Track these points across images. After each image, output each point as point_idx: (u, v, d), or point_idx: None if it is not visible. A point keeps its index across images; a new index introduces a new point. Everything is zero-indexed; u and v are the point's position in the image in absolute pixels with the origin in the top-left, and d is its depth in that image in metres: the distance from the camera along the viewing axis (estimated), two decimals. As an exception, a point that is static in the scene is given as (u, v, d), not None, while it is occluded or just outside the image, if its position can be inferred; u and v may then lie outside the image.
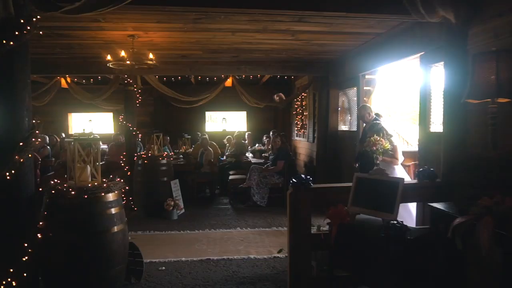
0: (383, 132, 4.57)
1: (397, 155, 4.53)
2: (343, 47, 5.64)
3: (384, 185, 2.88)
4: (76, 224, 2.98)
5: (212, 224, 5.84)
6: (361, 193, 2.99)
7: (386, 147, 4.40)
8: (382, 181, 2.91)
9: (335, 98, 7.09)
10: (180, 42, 5.27)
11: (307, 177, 3.23)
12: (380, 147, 4.42)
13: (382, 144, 4.42)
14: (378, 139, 4.46)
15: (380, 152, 4.43)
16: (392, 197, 2.77)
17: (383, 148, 4.41)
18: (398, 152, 4.55)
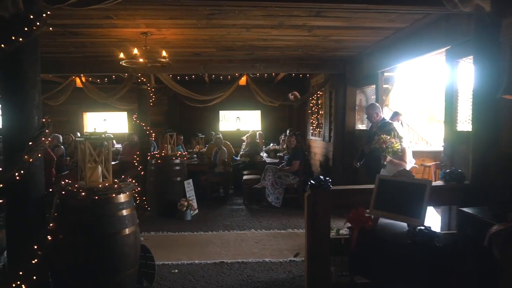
0: (395, 132, 4.38)
1: (405, 158, 4.31)
2: (361, 43, 5.43)
3: (409, 187, 2.70)
4: (86, 226, 2.88)
5: (226, 225, 5.72)
6: (384, 196, 2.81)
7: (396, 147, 4.22)
8: (407, 183, 2.72)
9: (352, 96, 6.88)
10: (194, 40, 5.16)
11: (326, 178, 3.07)
12: (390, 146, 4.24)
13: (392, 143, 4.24)
14: (389, 138, 4.28)
15: (390, 152, 4.25)
16: (419, 200, 2.58)
17: (393, 148, 4.24)
18: (407, 155, 4.33)
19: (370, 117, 4.96)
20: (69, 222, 2.90)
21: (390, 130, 4.41)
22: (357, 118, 6.91)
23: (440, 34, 3.89)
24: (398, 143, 4.21)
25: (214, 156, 8.16)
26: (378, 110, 4.92)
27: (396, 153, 4.20)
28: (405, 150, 4.31)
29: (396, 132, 4.38)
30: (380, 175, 2.91)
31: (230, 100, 9.29)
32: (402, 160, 4.29)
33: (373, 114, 4.89)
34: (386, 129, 4.44)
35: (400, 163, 4.28)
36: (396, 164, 4.30)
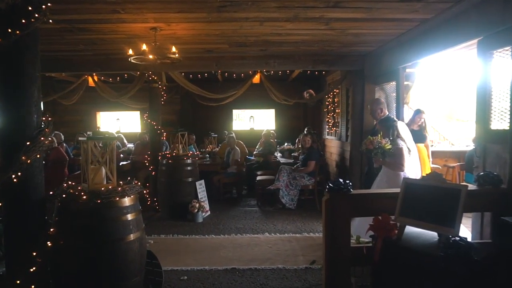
0: (395, 130, 4.05)
1: (402, 161, 3.94)
2: (382, 37, 5.12)
3: (441, 192, 2.42)
4: (88, 232, 2.71)
5: (239, 228, 5.51)
6: (411, 202, 2.54)
7: (387, 148, 3.87)
8: (438, 188, 2.44)
9: (370, 94, 6.56)
10: (205, 35, 4.95)
11: (346, 181, 2.81)
12: (379, 146, 3.88)
13: (381, 143, 3.92)
14: (376, 138, 3.97)
15: (379, 153, 3.93)
16: (452, 207, 2.30)
17: (384, 149, 3.88)
18: (404, 157, 3.95)
19: (374, 113, 4.66)
20: (70, 227, 2.73)
21: (390, 127, 4.11)
22: (376, 117, 6.59)
23: (470, 24, 3.57)
24: (388, 143, 3.89)
25: (227, 156, 7.97)
26: (382, 106, 4.62)
27: (389, 154, 3.88)
28: (402, 151, 3.95)
29: (397, 130, 4.06)
30: (407, 178, 2.64)
31: (244, 98, 9.07)
32: (398, 162, 3.94)
33: (377, 110, 4.58)
34: (386, 125, 4.15)
35: (395, 165, 3.95)
36: (390, 166, 3.99)
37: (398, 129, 4.08)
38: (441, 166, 6.83)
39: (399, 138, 4.03)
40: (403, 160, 3.93)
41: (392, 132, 4.05)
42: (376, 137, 3.96)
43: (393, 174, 4.00)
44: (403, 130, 4.14)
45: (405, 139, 4.07)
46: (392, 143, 3.94)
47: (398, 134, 4.05)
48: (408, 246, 2.44)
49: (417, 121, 6.07)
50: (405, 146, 4.00)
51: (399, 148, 3.94)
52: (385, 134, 4.11)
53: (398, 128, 4.09)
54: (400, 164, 3.94)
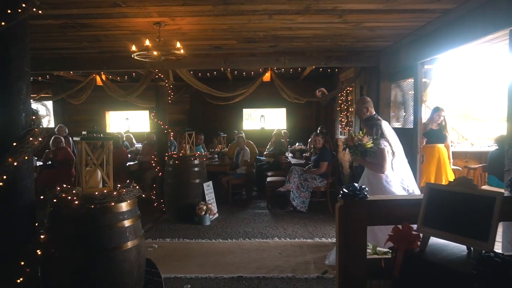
0: (379, 129, 3.73)
1: (383, 162, 3.63)
2: (399, 30, 4.82)
3: (471, 200, 2.13)
4: (81, 240, 2.50)
5: (247, 232, 5.27)
6: (436, 210, 2.25)
7: (368, 146, 3.56)
8: (467, 195, 2.15)
9: (386, 92, 6.25)
10: (212, 30, 4.72)
11: (362, 186, 2.54)
12: (360, 144, 3.57)
13: (362, 141, 3.62)
14: (358, 135, 3.67)
15: (359, 152, 3.60)
16: (485, 217, 2.02)
17: (364, 147, 3.57)
18: (386, 158, 3.64)
19: (359, 113, 4.34)
20: (62, 235, 2.53)
21: (373, 126, 3.78)
22: (392, 116, 6.27)
23: (499, 14, 3.26)
24: (370, 142, 3.59)
25: (236, 156, 7.74)
26: (368, 105, 4.29)
27: (370, 152, 3.58)
28: (384, 151, 3.63)
29: (381, 130, 3.74)
30: (431, 184, 2.35)
31: (254, 97, 8.85)
32: (379, 163, 3.63)
33: (363, 109, 4.26)
34: (369, 124, 3.81)
35: (376, 166, 3.64)
36: (370, 166, 3.70)
37: (382, 129, 3.77)
38: (461, 167, 6.47)
39: (383, 138, 3.73)
40: (384, 161, 3.64)
41: (376, 131, 3.75)
42: (358, 134, 3.68)
43: (373, 176, 3.73)
44: (388, 130, 3.83)
45: (390, 140, 3.76)
46: (374, 143, 3.65)
47: (382, 134, 3.74)
48: (432, 261, 2.15)
49: (436, 120, 5.74)
50: (388, 147, 3.70)
51: (380, 148, 3.64)
52: (369, 134, 3.83)
53: (383, 128, 3.78)
54: (381, 166, 3.64)
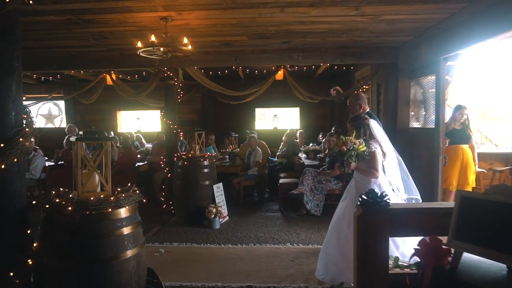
0: (367, 130, 3.42)
1: (376, 166, 3.32)
2: (420, 24, 4.51)
3: (510, 210, 1.85)
4: (75, 249, 2.31)
5: (259, 237, 5.04)
6: (469, 221, 1.98)
7: (361, 150, 3.25)
8: (508, 205, 1.87)
9: (405, 89, 5.93)
10: (221, 25, 4.51)
11: (382, 193, 2.28)
12: (353, 148, 3.26)
13: (355, 144, 3.27)
14: (350, 138, 3.30)
15: (353, 156, 3.26)
16: (530, 232, 1.74)
17: (358, 150, 3.26)
18: (378, 161, 3.33)
19: (352, 110, 4.03)
20: (55, 243, 2.35)
21: (361, 126, 3.45)
22: (412, 115, 5.95)
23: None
24: (362, 145, 3.29)
25: (248, 157, 7.52)
26: (362, 102, 3.97)
27: (363, 157, 3.28)
28: (376, 155, 3.32)
29: (370, 130, 3.43)
30: (463, 191, 2.08)
31: (266, 96, 8.62)
32: (372, 168, 3.32)
33: (356, 105, 3.95)
34: (356, 124, 3.48)
35: (370, 171, 3.34)
36: (363, 173, 3.39)
37: (371, 129, 3.45)
38: (486, 170, 6.10)
39: (373, 139, 3.42)
40: (377, 165, 3.32)
41: (364, 132, 3.43)
42: (349, 137, 3.37)
43: (362, 182, 3.42)
44: (377, 130, 3.50)
45: (380, 141, 3.45)
46: (369, 146, 3.35)
47: (371, 135, 3.43)
48: (466, 280, 1.88)
49: (458, 119, 5.41)
50: (379, 149, 3.39)
51: (371, 152, 3.32)
52: (356, 135, 3.50)
53: (372, 128, 3.46)
54: (374, 170, 3.33)
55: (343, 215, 3.43)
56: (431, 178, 5.01)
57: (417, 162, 5.71)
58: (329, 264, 3.37)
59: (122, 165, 6.80)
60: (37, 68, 6.64)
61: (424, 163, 5.41)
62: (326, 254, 3.46)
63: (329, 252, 3.42)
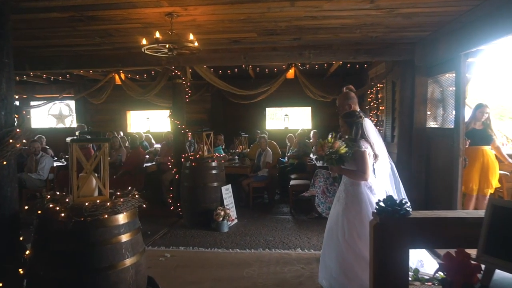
0: (359, 129, 3.20)
1: (364, 167, 3.08)
2: (440, 17, 4.25)
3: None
4: (69, 257, 2.16)
5: (268, 241, 4.85)
6: (502, 234, 1.76)
7: (342, 152, 3.03)
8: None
9: (422, 88, 5.66)
10: (229, 21, 4.33)
11: (402, 200, 2.07)
12: (332, 151, 3.06)
13: (333, 146, 3.05)
14: (327, 141, 3.10)
15: (334, 160, 3.05)
16: None
17: (338, 153, 3.04)
18: (367, 163, 3.10)
19: (341, 110, 3.83)
20: (48, 251, 2.20)
21: (353, 124, 3.23)
22: (429, 114, 5.68)
23: None
24: (343, 146, 3.07)
25: (258, 158, 7.33)
26: (352, 102, 3.76)
27: (346, 159, 3.08)
28: (365, 155, 3.09)
29: (362, 129, 3.22)
30: (495, 200, 1.85)
31: (277, 96, 8.42)
32: (360, 169, 3.09)
33: (345, 106, 3.75)
34: (348, 121, 3.28)
35: (356, 173, 3.12)
36: (350, 174, 3.18)
37: (364, 128, 3.23)
38: (509, 172, 5.77)
39: (364, 139, 3.20)
40: (365, 166, 3.09)
41: (356, 130, 3.23)
42: (326, 140, 3.17)
43: (352, 185, 3.21)
44: (370, 130, 3.28)
45: (373, 141, 3.23)
46: (352, 146, 3.14)
47: (363, 134, 3.21)
48: (499, 301, 1.66)
49: (479, 118, 5.11)
50: (369, 150, 3.17)
51: (361, 151, 3.10)
52: (347, 132, 3.30)
53: (364, 127, 3.24)
54: (362, 172, 3.10)
55: (336, 223, 3.24)
56: (450, 182, 4.74)
57: (434, 164, 5.45)
58: (331, 280, 3.17)
59: (129, 166, 6.69)
60: (45, 67, 6.58)
61: (442, 165, 5.15)
62: (325, 265, 3.27)
63: (328, 264, 3.24)
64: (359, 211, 3.09)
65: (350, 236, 3.06)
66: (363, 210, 3.08)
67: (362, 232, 3.02)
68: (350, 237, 3.06)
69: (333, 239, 3.21)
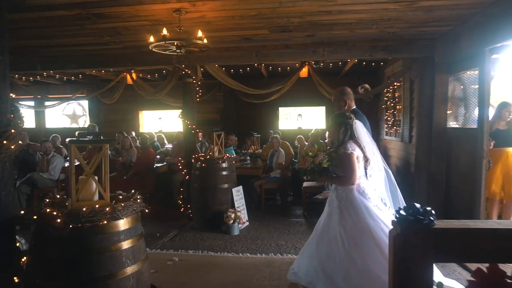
0: (348, 130, 3.05)
1: (349, 171, 2.93)
2: (462, 10, 4.00)
3: None
4: (65, 266, 2.04)
5: (280, 245, 4.68)
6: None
7: (325, 165, 2.94)
8: None
9: (442, 86, 5.39)
10: (239, 17, 4.18)
11: (426, 208, 1.87)
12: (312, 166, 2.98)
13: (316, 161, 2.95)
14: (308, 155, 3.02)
15: (317, 173, 2.98)
16: None
17: (321, 166, 2.95)
18: (355, 166, 2.94)
19: (336, 106, 3.64)
20: (44, 259, 2.08)
21: (341, 125, 3.07)
22: (449, 114, 5.41)
23: None
24: (326, 160, 2.94)
25: (270, 158, 7.16)
26: (347, 98, 3.60)
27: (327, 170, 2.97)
28: (352, 159, 2.93)
29: (351, 131, 3.05)
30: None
31: (291, 95, 8.21)
32: (346, 174, 2.94)
33: (340, 102, 3.57)
34: (337, 122, 3.12)
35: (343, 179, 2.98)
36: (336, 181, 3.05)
37: (354, 130, 3.07)
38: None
39: (353, 140, 3.04)
40: (352, 170, 2.93)
41: (344, 131, 3.06)
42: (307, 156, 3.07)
43: (343, 190, 3.04)
44: (361, 132, 3.10)
45: (364, 144, 3.06)
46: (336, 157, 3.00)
47: (352, 136, 3.06)
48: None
49: (504, 117, 4.85)
50: (358, 152, 3.00)
51: (347, 153, 2.94)
52: (334, 134, 3.14)
53: (355, 128, 3.08)
54: (348, 177, 2.94)
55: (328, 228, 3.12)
56: (472, 185, 4.48)
57: (455, 166, 5.18)
58: None
59: (139, 166, 6.61)
60: (57, 67, 6.57)
61: (464, 168, 4.88)
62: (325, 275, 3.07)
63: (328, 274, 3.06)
64: (357, 222, 2.94)
65: (350, 247, 2.92)
66: (361, 220, 2.93)
67: (362, 242, 2.89)
68: (351, 248, 2.91)
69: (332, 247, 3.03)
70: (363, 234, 2.88)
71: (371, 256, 2.83)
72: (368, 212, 2.92)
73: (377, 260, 2.80)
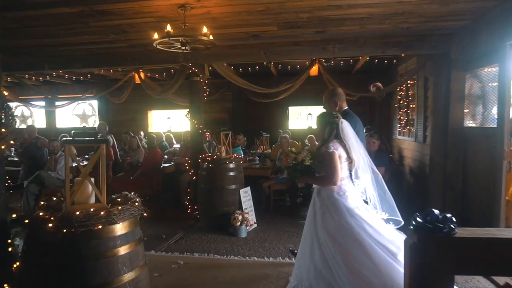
0: (333, 130, 2.94)
1: (331, 170, 2.80)
2: (481, 3, 3.79)
3: None
4: (57, 272, 1.93)
5: (288, 249, 4.52)
6: None
7: (307, 163, 2.85)
8: None
9: (459, 83, 5.17)
10: (246, 13, 4.04)
11: (446, 215, 1.70)
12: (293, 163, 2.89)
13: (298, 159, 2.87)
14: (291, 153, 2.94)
15: (298, 172, 2.90)
16: None
17: (303, 165, 2.86)
18: (337, 166, 2.80)
19: (327, 106, 3.52)
20: (36, 265, 1.97)
21: (326, 124, 2.96)
22: (466, 112, 5.18)
23: None
24: (308, 158, 2.85)
25: (279, 158, 6.99)
26: (338, 98, 3.48)
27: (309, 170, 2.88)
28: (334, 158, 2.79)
29: (336, 131, 2.93)
30: None
31: (300, 94, 8.06)
32: (328, 174, 2.81)
33: (331, 102, 3.43)
34: (322, 121, 3.01)
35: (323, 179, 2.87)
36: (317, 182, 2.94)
37: (340, 129, 2.94)
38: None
39: (337, 140, 2.91)
40: (334, 170, 2.79)
41: (330, 131, 2.94)
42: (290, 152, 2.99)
43: (324, 190, 2.91)
44: (347, 132, 2.96)
45: (350, 145, 2.92)
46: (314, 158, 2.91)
47: (337, 135, 2.92)
48: None
49: (525, 116, 4.58)
50: (340, 151, 2.86)
51: (328, 152, 2.80)
52: (319, 133, 3.05)
53: (341, 128, 2.94)
54: (330, 177, 2.80)
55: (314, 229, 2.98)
56: (491, 187, 4.26)
57: (472, 167, 4.95)
58: None
59: (146, 166, 6.53)
60: (63, 66, 6.53)
61: (482, 169, 4.66)
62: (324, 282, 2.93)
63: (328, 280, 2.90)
64: (340, 225, 2.81)
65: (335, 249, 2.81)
66: (342, 220, 2.80)
67: (346, 242, 2.78)
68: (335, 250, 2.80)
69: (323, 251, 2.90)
70: (346, 234, 2.78)
71: (357, 258, 2.74)
72: (349, 213, 2.82)
73: (363, 262, 2.71)
